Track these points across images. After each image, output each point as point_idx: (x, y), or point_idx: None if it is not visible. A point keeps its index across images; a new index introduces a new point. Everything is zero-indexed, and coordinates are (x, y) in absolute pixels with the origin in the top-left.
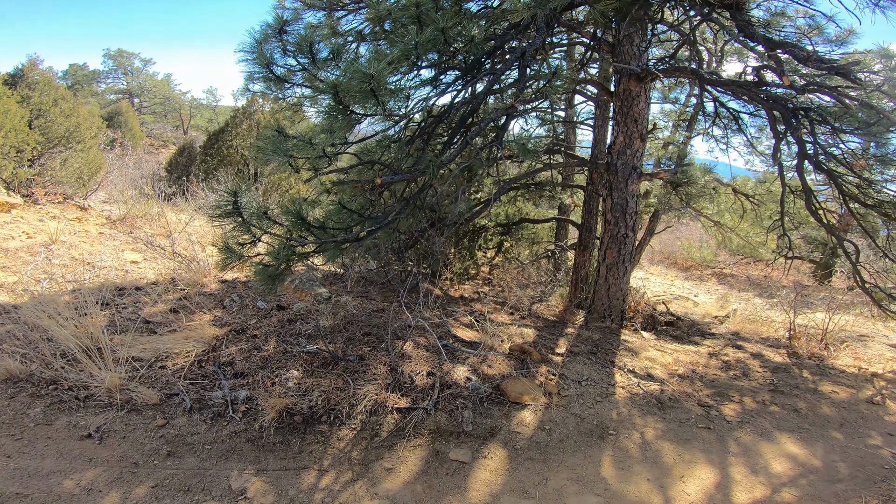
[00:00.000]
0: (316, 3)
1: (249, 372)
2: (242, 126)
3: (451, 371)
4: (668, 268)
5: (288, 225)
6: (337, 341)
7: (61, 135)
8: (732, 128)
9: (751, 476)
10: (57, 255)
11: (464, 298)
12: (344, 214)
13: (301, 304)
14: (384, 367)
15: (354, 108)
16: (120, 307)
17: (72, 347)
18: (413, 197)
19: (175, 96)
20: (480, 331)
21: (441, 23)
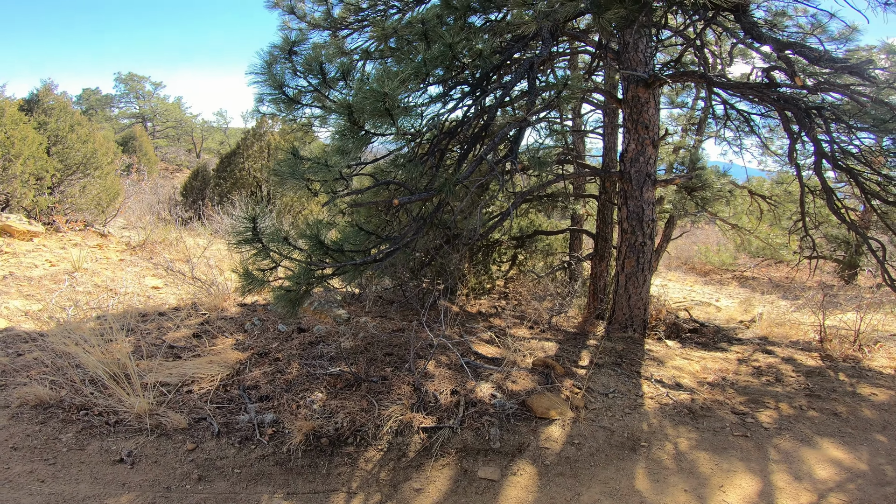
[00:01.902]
0: (321, 23)
1: (274, 395)
2: (253, 148)
3: (474, 388)
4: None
5: (306, 249)
6: (359, 362)
7: (79, 161)
8: (744, 129)
9: (795, 483)
10: (80, 283)
11: (482, 314)
12: (361, 236)
13: (321, 327)
14: (408, 386)
15: (368, 128)
16: (144, 333)
17: (100, 374)
18: (429, 216)
19: (187, 119)
20: (501, 346)
21: (448, 38)
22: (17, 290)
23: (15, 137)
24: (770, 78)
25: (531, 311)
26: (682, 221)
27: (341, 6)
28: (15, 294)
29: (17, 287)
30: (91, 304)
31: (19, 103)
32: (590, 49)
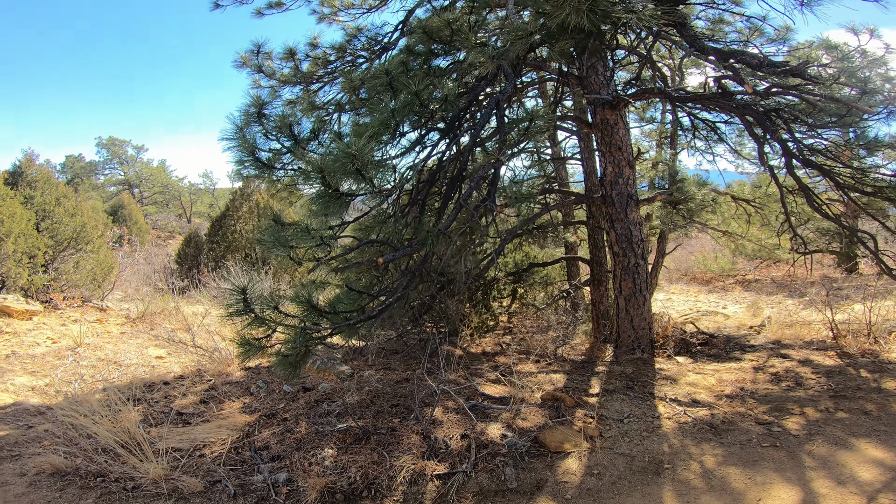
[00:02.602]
0: (290, 79)
1: (285, 454)
2: (243, 209)
3: (484, 430)
4: (688, 284)
5: (300, 314)
6: (366, 416)
7: (69, 236)
8: (713, 138)
9: (838, 488)
10: (83, 357)
11: (486, 354)
12: (353, 295)
13: (326, 384)
14: (417, 435)
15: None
16: (151, 402)
17: (111, 443)
18: (417, 268)
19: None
20: (508, 384)
21: (413, 86)
22: (21, 367)
23: (3, 214)
24: (723, 87)
25: (535, 345)
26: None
27: (309, 61)
28: (20, 371)
29: (20, 365)
30: (96, 376)
31: (3, 176)
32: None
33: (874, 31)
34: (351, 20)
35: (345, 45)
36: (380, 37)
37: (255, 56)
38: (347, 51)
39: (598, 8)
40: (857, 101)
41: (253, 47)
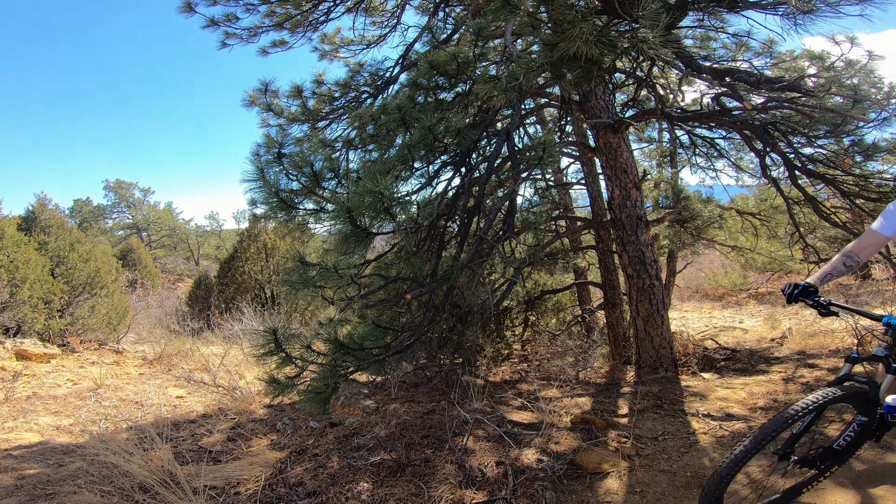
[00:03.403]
0: (298, 117)
1: (321, 490)
2: (251, 250)
3: (519, 456)
4: (700, 301)
5: (329, 353)
6: (398, 448)
7: (83, 281)
8: (713, 154)
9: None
10: (105, 398)
11: (507, 382)
12: (378, 332)
13: (352, 419)
14: (451, 465)
15: (369, 227)
16: (179, 440)
17: (149, 481)
18: (441, 302)
19: (180, 226)
20: (535, 410)
21: (427, 121)
22: (43, 408)
23: (19, 261)
24: (721, 104)
25: (555, 370)
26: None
27: (315, 98)
28: (42, 412)
29: (43, 405)
30: (120, 416)
31: (17, 221)
32: (554, 103)
33: (854, 40)
34: (351, 56)
35: (349, 81)
36: (381, 71)
37: (262, 94)
38: (351, 87)
39: (605, 38)
40: (850, 110)
41: (261, 86)
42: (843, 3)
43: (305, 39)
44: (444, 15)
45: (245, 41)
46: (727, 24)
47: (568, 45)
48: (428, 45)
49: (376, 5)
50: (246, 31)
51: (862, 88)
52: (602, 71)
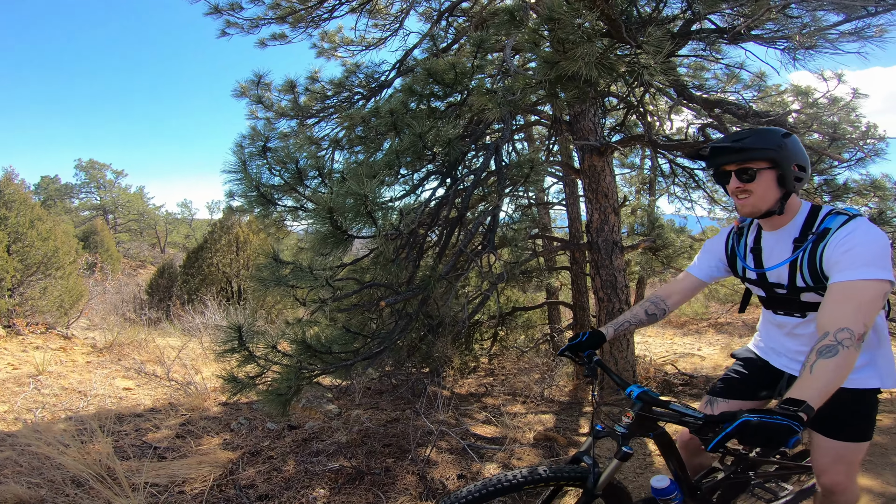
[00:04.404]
0: (288, 112)
1: (273, 494)
2: (221, 242)
3: (481, 470)
4: (663, 328)
5: (295, 354)
6: (358, 456)
7: (39, 260)
8: (691, 185)
9: None
10: (46, 386)
11: (473, 395)
12: (348, 337)
13: (313, 423)
14: (412, 476)
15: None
16: (121, 434)
17: (84, 475)
18: (416, 311)
19: (150, 211)
20: (499, 425)
21: (417, 128)
22: None
23: None
24: (705, 135)
25: (521, 386)
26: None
27: (307, 95)
28: None
29: None
30: (59, 406)
31: None
32: (544, 121)
33: (841, 77)
34: (350, 56)
35: (343, 81)
36: (377, 74)
37: (255, 86)
38: (345, 86)
39: (606, 61)
40: (826, 148)
41: (254, 77)
42: (843, 41)
43: (306, 35)
44: (446, 24)
45: (246, 31)
46: (723, 56)
47: (568, 65)
48: (427, 53)
49: (381, 7)
50: (248, 21)
51: (841, 127)
52: (596, 93)
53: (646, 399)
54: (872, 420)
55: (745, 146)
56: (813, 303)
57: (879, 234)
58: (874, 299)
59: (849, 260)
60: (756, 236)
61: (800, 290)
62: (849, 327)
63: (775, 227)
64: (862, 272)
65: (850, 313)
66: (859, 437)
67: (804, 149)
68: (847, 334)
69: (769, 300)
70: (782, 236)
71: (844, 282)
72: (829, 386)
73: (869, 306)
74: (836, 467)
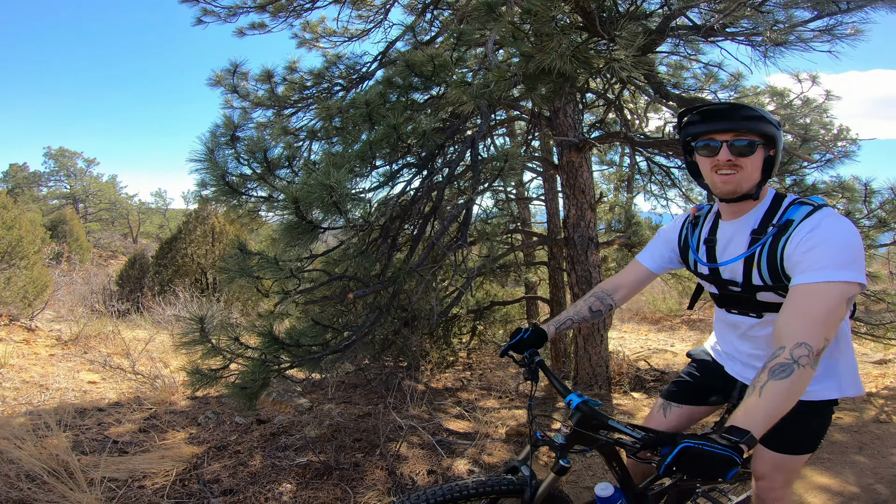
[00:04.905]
0: (264, 102)
1: (239, 489)
2: (196, 232)
3: (451, 466)
4: (639, 324)
5: (262, 347)
6: (327, 451)
7: (3, 250)
8: (667, 183)
9: None
10: (6, 379)
11: (448, 389)
12: (317, 329)
13: (282, 417)
14: (381, 471)
15: (317, 223)
16: (83, 428)
17: (37, 469)
18: (386, 305)
19: (122, 201)
20: (472, 420)
21: (392, 119)
22: None
23: None
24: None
25: (497, 381)
26: None
27: (285, 85)
28: None
29: None
30: (20, 399)
31: None
32: (524, 117)
33: (815, 78)
34: (331, 47)
35: (323, 72)
36: (358, 66)
37: (230, 75)
38: (325, 77)
39: (580, 54)
40: (797, 149)
41: (230, 66)
42: (815, 39)
43: (286, 25)
44: (431, 17)
45: (223, 20)
46: (701, 53)
47: (543, 57)
48: (410, 45)
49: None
50: (225, 9)
51: (812, 128)
52: (574, 89)
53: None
54: (823, 433)
55: (749, 115)
56: (771, 303)
57: (848, 229)
58: (839, 306)
59: (812, 259)
60: (712, 226)
61: (756, 288)
62: (807, 342)
63: (735, 216)
64: (826, 273)
65: (810, 325)
66: (803, 449)
67: None
68: (804, 350)
69: (722, 298)
70: (741, 227)
71: (807, 284)
72: (778, 411)
73: (833, 315)
74: (774, 475)
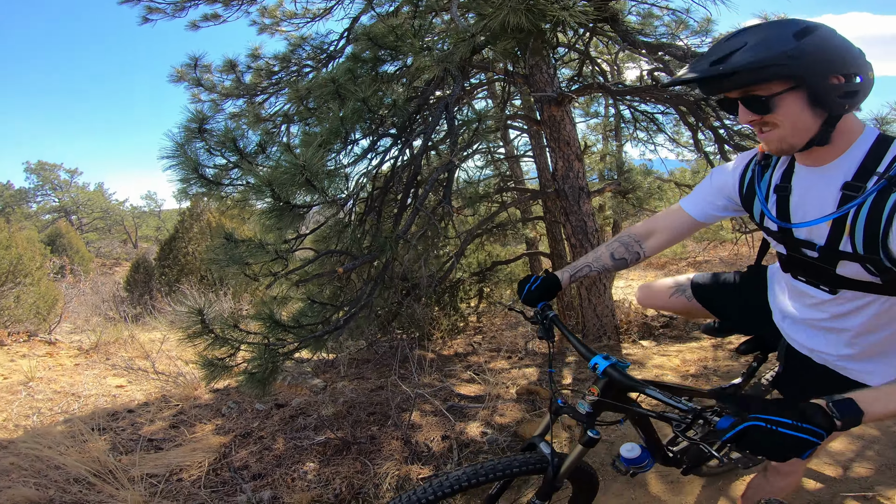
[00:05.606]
0: (233, 92)
1: (266, 472)
2: (193, 230)
3: (464, 430)
4: (644, 270)
5: (263, 331)
6: (344, 427)
7: (6, 269)
8: (652, 129)
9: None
10: (38, 391)
11: (458, 355)
12: (316, 308)
13: (299, 399)
14: (397, 441)
15: (295, 202)
16: (118, 430)
17: (83, 472)
18: (379, 275)
19: (113, 207)
20: (483, 383)
21: (361, 93)
22: None
23: None
24: (655, 79)
25: (506, 342)
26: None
27: (252, 73)
28: None
29: None
30: (55, 409)
31: None
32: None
33: None
34: (294, 30)
35: (289, 56)
36: (325, 45)
37: (192, 69)
38: (292, 61)
39: (535, 7)
40: None
41: (190, 61)
42: None
43: (242, 13)
44: None
45: (170, 16)
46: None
47: (496, 14)
48: (374, 19)
49: None
50: (171, 5)
51: None
52: (542, 42)
53: (614, 376)
54: None
55: (738, 67)
56: (853, 279)
57: None
58: None
59: None
60: (786, 170)
61: (841, 256)
62: None
63: (816, 163)
64: None
65: None
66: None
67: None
68: None
69: (790, 261)
70: (826, 177)
71: None
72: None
73: None
74: None
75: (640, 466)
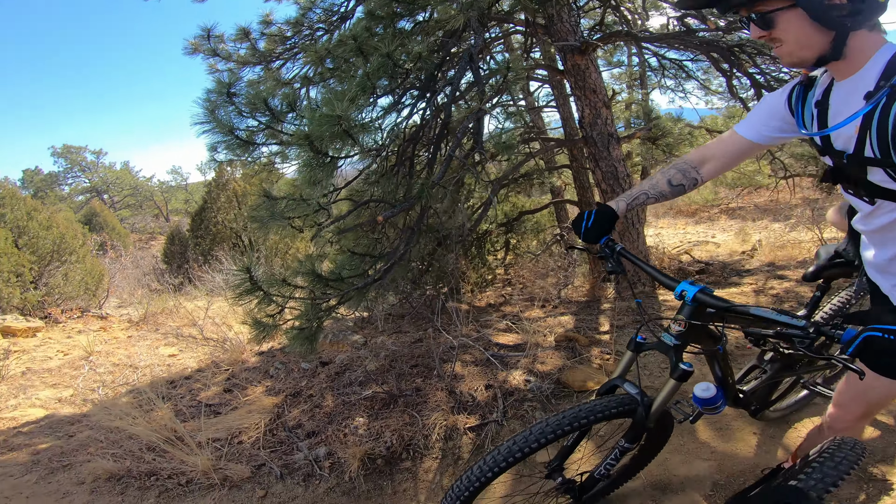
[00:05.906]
0: (249, 60)
1: (319, 429)
2: (221, 199)
3: (506, 378)
4: (675, 218)
5: (307, 285)
6: (388, 380)
7: (50, 249)
8: (681, 76)
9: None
10: (99, 365)
11: (491, 306)
12: (356, 260)
13: (342, 356)
14: (442, 392)
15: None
16: (177, 398)
17: (154, 440)
18: (415, 224)
19: (142, 184)
20: (520, 332)
21: (384, 48)
22: (40, 381)
23: None
24: (686, 25)
25: (538, 291)
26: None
27: (265, 39)
28: (40, 386)
29: (40, 379)
30: (117, 381)
31: None
32: (520, 29)
33: None
34: None
35: (300, 20)
36: (336, 6)
37: (206, 40)
38: (304, 24)
39: None
40: None
41: (202, 32)
42: None
43: None
44: None
45: None
46: None
47: None
48: None
49: None
50: None
51: None
52: None
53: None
54: None
55: None
56: (882, 187)
57: None
58: None
59: None
60: (826, 88)
61: (867, 161)
62: None
63: (844, 74)
64: None
65: None
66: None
67: None
68: None
69: (835, 172)
70: (853, 88)
71: None
72: None
73: None
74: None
75: (713, 407)
